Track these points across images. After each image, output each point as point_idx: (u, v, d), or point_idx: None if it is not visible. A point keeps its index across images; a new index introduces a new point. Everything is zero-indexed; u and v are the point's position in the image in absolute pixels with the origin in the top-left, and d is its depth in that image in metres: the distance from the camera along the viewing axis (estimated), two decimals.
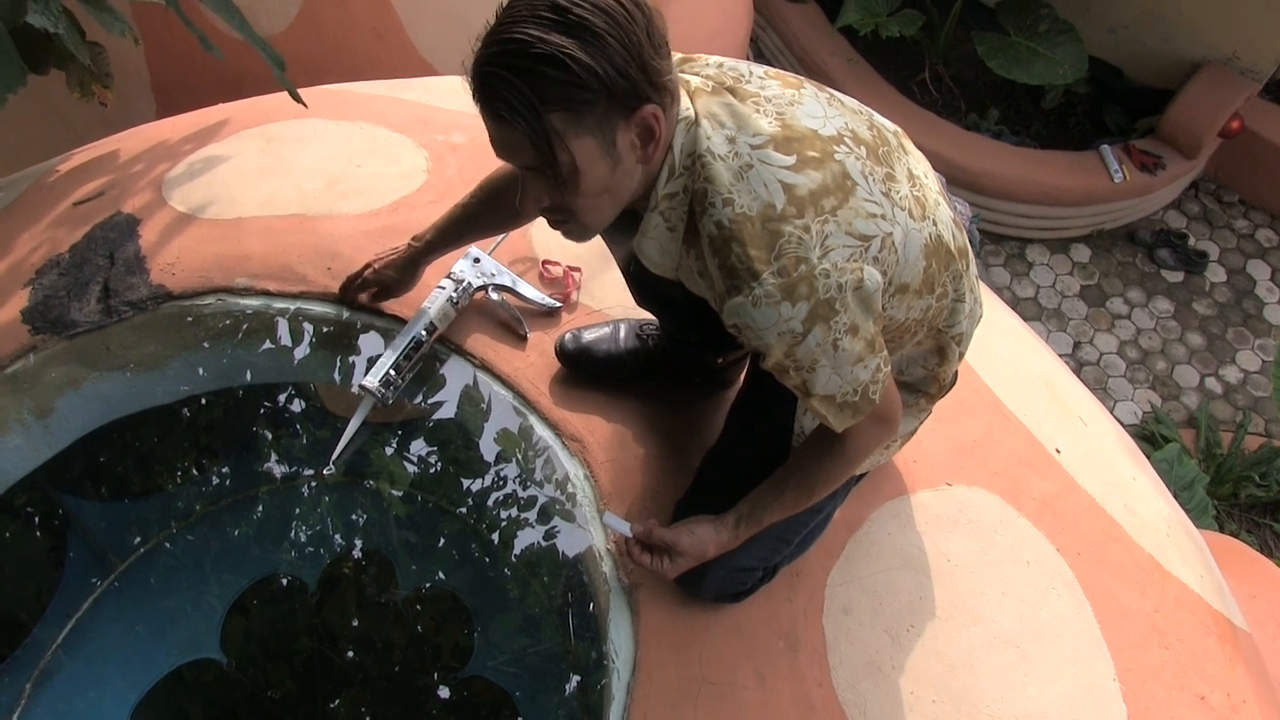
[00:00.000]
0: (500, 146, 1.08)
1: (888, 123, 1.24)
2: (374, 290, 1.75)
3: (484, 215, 1.56)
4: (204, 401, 1.89)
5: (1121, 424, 3.70)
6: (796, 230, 1.07)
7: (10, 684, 1.69)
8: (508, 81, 1.00)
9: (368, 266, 1.73)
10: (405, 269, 1.69)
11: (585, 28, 0.98)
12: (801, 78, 1.21)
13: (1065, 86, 4.31)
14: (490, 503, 1.79)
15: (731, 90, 1.14)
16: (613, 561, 1.52)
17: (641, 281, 1.47)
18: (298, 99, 2.02)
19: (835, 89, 1.25)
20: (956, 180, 4.07)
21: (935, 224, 1.20)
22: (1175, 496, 1.97)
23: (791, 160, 1.08)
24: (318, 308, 1.79)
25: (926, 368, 1.38)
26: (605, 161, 1.08)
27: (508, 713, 1.69)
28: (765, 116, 1.11)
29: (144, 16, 2.79)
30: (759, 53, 4.77)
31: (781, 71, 1.21)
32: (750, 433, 1.46)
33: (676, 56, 1.23)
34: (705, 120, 1.11)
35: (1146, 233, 4.31)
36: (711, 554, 1.33)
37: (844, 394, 1.16)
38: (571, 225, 1.18)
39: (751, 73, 1.18)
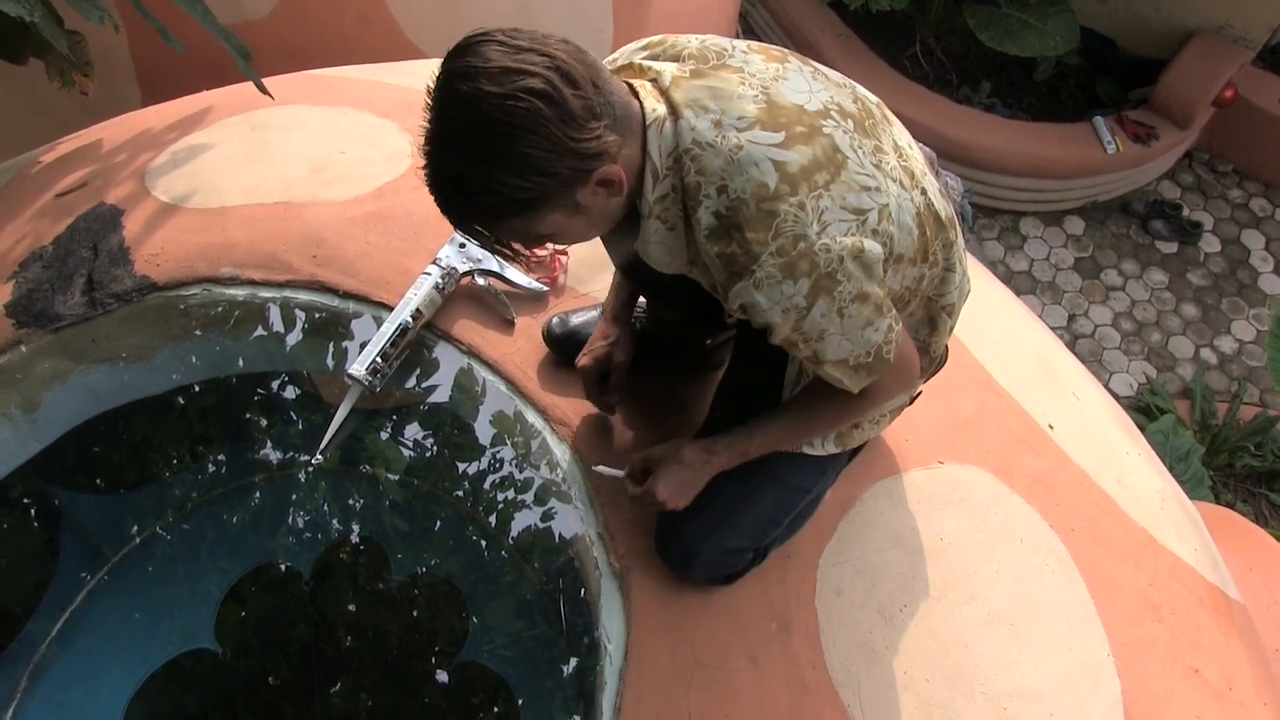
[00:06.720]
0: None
1: (870, 95, 1.23)
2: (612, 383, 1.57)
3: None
4: (194, 391, 1.88)
5: (1117, 396, 3.69)
6: (791, 208, 1.06)
7: (6, 677, 1.69)
8: (454, 209, 1.08)
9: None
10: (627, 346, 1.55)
11: (503, 151, 1.01)
12: (786, 51, 1.20)
13: (1057, 58, 4.28)
14: (483, 488, 1.79)
15: (715, 67, 1.13)
16: (604, 546, 1.52)
17: (636, 274, 1.46)
18: (263, 90, 2.00)
19: (825, 64, 1.24)
20: (949, 154, 4.04)
21: (925, 193, 1.20)
22: (1171, 468, 1.97)
23: (780, 137, 1.07)
24: (304, 295, 1.77)
25: (918, 338, 1.38)
26: (577, 218, 1.12)
27: (503, 697, 1.70)
28: (749, 95, 1.10)
29: (126, 3, 2.76)
30: (748, 28, 4.73)
31: (765, 45, 1.20)
32: (737, 413, 1.45)
33: (654, 40, 1.22)
34: (688, 109, 1.10)
35: (1140, 204, 4.29)
36: (686, 458, 1.32)
37: (857, 357, 1.16)
38: None
39: (734, 48, 1.17)
